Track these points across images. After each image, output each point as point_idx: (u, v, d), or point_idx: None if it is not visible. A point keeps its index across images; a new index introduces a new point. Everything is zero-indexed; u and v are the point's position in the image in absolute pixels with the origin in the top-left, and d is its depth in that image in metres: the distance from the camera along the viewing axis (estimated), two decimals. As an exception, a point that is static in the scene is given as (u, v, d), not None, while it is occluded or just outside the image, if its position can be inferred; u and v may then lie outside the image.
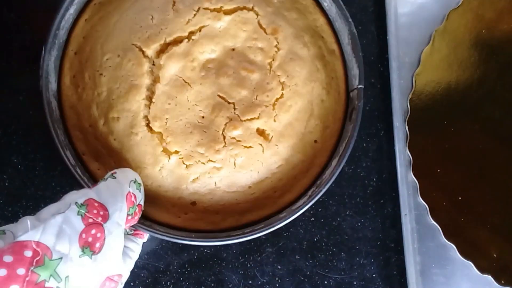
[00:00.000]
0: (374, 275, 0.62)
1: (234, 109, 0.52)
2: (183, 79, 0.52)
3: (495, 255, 0.59)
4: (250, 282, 0.60)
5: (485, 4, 0.64)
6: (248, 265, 0.61)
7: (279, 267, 0.61)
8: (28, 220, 0.38)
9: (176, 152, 0.52)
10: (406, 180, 0.61)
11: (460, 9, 0.64)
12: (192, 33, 0.53)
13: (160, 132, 0.52)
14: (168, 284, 0.60)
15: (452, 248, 0.59)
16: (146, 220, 0.52)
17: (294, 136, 0.54)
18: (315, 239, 0.62)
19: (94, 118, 0.53)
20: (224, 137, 0.52)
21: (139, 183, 0.48)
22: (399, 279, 0.62)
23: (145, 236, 0.52)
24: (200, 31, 0.53)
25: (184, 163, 0.52)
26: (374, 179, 0.63)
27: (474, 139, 0.61)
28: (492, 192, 0.60)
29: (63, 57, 0.55)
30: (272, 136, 0.53)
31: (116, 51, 0.53)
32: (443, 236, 0.59)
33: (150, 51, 0.52)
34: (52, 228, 0.38)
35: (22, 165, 0.61)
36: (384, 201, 0.63)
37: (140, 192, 0.47)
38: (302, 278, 0.61)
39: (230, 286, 0.60)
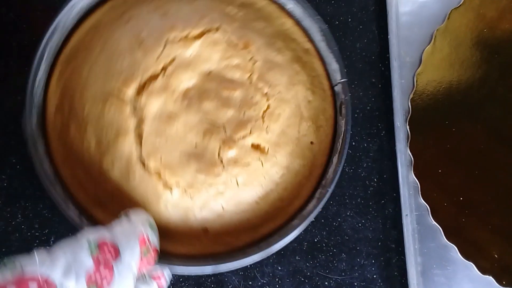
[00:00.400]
0: (375, 276, 0.61)
1: (225, 130, 0.52)
2: (168, 113, 0.52)
3: (496, 256, 0.59)
4: (250, 283, 0.60)
5: (487, 3, 0.63)
6: (248, 266, 0.60)
7: (279, 268, 0.61)
8: (36, 254, 0.38)
9: (177, 184, 0.51)
10: (407, 181, 0.61)
11: (461, 8, 0.63)
12: (165, 66, 0.52)
13: (157, 169, 0.51)
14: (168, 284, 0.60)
15: (453, 248, 0.59)
16: (160, 255, 0.52)
17: (289, 143, 0.54)
18: (316, 240, 0.61)
19: (88, 167, 0.53)
20: (221, 160, 0.52)
21: (153, 225, 0.47)
22: (400, 280, 0.61)
23: (163, 281, 0.49)
24: (173, 62, 0.52)
25: (187, 194, 0.51)
26: (375, 180, 0.63)
27: (475, 139, 0.61)
28: (493, 192, 0.60)
29: (45, 118, 0.54)
30: (268, 148, 0.53)
31: (95, 101, 0.52)
32: (444, 237, 0.59)
33: (129, 93, 0.52)
34: (61, 264, 0.38)
35: (21, 165, 0.61)
36: (385, 202, 0.63)
37: (154, 235, 0.46)
38: (303, 279, 0.61)
39: (230, 287, 0.60)
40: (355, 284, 0.61)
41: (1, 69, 0.62)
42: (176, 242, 0.53)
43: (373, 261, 0.61)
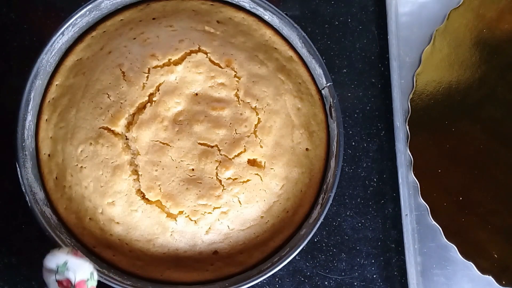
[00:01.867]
0: (374, 276, 0.61)
1: (219, 150, 0.52)
2: (160, 142, 0.52)
3: (496, 256, 0.59)
4: (250, 282, 0.60)
5: (486, 4, 0.64)
6: (248, 266, 0.60)
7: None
8: None
9: (180, 212, 0.52)
10: (407, 181, 0.61)
11: (461, 8, 0.63)
12: (152, 94, 0.52)
13: (158, 200, 0.52)
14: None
15: (453, 248, 0.59)
16: (179, 285, 0.53)
17: (285, 153, 0.54)
18: (315, 240, 0.61)
19: (91, 211, 0.53)
20: (220, 181, 0.52)
21: (64, 263, 0.46)
22: (399, 279, 0.62)
23: None
24: (158, 90, 0.53)
25: (191, 220, 0.52)
26: (375, 179, 0.63)
27: (475, 139, 0.61)
28: (493, 192, 0.60)
29: (39, 164, 0.55)
30: (264, 162, 0.53)
31: (86, 140, 0.52)
32: (443, 237, 0.59)
33: (119, 128, 0.52)
34: None
35: (21, 165, 0.61)
36: (384, 202, 0.63)
37: (68, 270, 0.45)
38: (302, 279, 0.61)
39: (230, 286, 0.60)
40: (355, 283, 0.61)
41: (2, 69, 0.62)
42: (189, 270, 0.53)
43: (373, 261, 0.62)
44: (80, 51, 0.56)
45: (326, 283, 0.61)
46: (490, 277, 0.58)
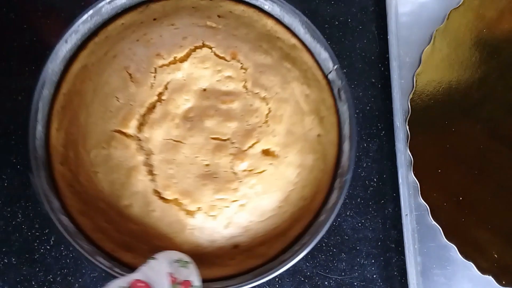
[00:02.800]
0: (374, 276, 0.61)
1: (232, 143, 0.52)
2: (173, 140, 0.52)
3: (495, 256, 0.59)
4: (250, 282, 0.60)
5: (486, 4, 0.63)
6: (248, 266, 0.60)
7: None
8: None
9: (199, 208, 0.51)
10: (407, 181, 0.61)
11: (461, 8, 0.63)
12: (160, 94, 0.52)
13: (176, 198, 0.51)
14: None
15: (452, 248, 0.59)
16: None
17: (297, 141, 0.54)
18: (316, 240, 0.61)
19: (108, 214, 0.52)
20: (236, 174, 0.52)
21: (186, 261, 0.48)
22: (399, 279, 0.62)
23: None
24: (166, 88, 0.52)
25: (210, 215, 0.51)
26: (375, 179, 0.63)
27: (475, 139, 0.61)
28: (493, 192, 0.60)
29: (53, 172, 0.54)
30: (278, 151, 0.53)
31: (99, 145, 0.52)
32: (443, 237, 0.59)
33: (131, 129, 0.51)
34: None
35: (21, 165, 0.61)
36: (384, 202, 0.63)
37: (187, 269, 0.47)
38: (302, 279, 0.61)
39: (230, 286, 0.60)
40: (355, 283, 0.61)
41: (2, 69, 0.62)
42: (210, 266, 0.53)
43: (373, 261, 0.62)
44: (84, 57, 0.56)
45: (326, 283, 0.61)
46: (490, 277, 0.58)
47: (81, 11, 0.63)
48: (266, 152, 0.53)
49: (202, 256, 0.52)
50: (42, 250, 0.60)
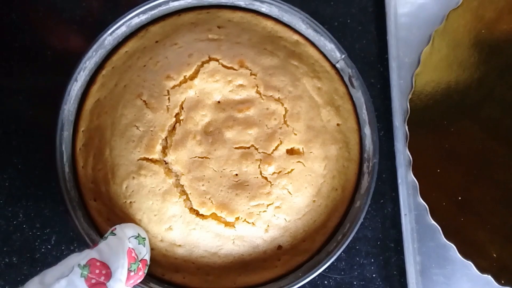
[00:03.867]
0: (374, 275, 0.62)
1: (257, 149, 0.53)
2: (198, 157, 0.52)
3: (495, 255, 0.59)
4: (250, 282, 0.60)
5: (485, 4, 0.64)
6: (248, 265, 0.60)
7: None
8: (32, 285, 0.39)
9: (237, 218, 0.52)
10: (406, 180, 0.61)
11: (459, 9, 0.64)
12: (178, 114, 0.53)
13: (213, 213, 0.52)
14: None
15: (452, 248, 0.59)
16: None
17: (318, 134, 0.55)
18: (315, 239, 0.62)
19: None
20: (266, 178, 0.52)
21: (143, 237, 0.48)
22: (399, 279, 0.62)
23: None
24: (182, 108, 0.53)
25: (249, 223, 0.52)
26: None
27: (474, 139, 0.61)
28: (492, 192, 0.60)
29: (88, 210, 0.55)
30: (302, 148, 0.54)
31: (129, 175, 0.52)
32: (443, 236, 0.59)
33: (156, 155, 0.52)
34: None
35: (22, 165, 0.61)
36: (384, 201, 0.63)
37: (144, 246, 0.47)
38: (302, 278, 0.61)
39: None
40: (354, 283, 0.61)
41: (3, 69, 0.62)
42: (259, 271, 0.53)
43: (372, 260, 0.62)
44: (96, 92, 0.57)
45: (325, 282, 0.61)
46: (489, 276, 0.58)
47: (82, 12, 0.64)
48: (291, 151, 0.54)
49: (248, 263, 0.53)
50: (43, 250, 0.60)
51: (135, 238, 0.47)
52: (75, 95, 0.55)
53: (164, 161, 0.52)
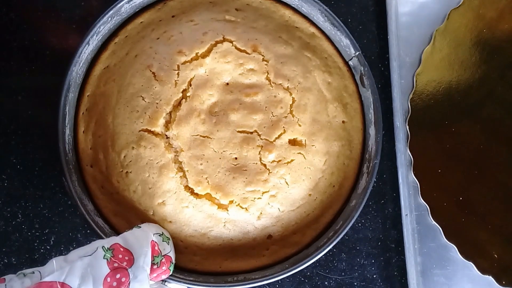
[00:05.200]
0: (374, 276, 0.61)
1: (259, 135, 0.53)
2: (200, 136, 0.52)
3: (496, 256, 0.59)
4: (250, 282, 0.60)
5: (486, 4, 0.63)
6: (248, 266, 0.60)
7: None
8: (54, 261, 0.40)
9: (231, 202, 0.52)
10: (407, 181, 0.61)
11: (461, 8, 0.63)
12: (185, 90, 0.53)
13: (208, 193, 0.52)
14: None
15: (453, 248, 0.59)
16: (239, 274, 0.53)
17: (323, 129, 0.54)
18: (316, 240, 0.61)
19: (142, 213, 0.53)
20: (265, 165, 0.52)
21: (167, 237, 0.49)
22: (399, 279, 0.62)
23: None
24: (190, 85, 0.53)
25: (242, 208, 0.52)
26: (375, 180, 0.63)
27: (475, 139, 0.61)
28: (493, 192, 0.60)
29: (83, 175, 0.55)
30: (305, 140, 0.53)
31: (128, 145, 0.52)
32: (444, 237, 0.59)
33: (159, 128, 0.52)
34: (78, 270, 0.39)
35: (21, 165, 0.61)
36: (384, 202, 0.63)
37: (168, 244, 0.48)
38: (303, 279, 0.61)
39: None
40: (355, 283, 0.61)
41: (2, 69, 0.62)
42: (246, 258, 0.53)
43: (373, 261, 0.62)
44: (106, 59, 0.56)
45: (326, 283, 0.61)
46: (490, 277, 0.58)
47: (81, 11, 0.63)
48: (293, 142, 0.53)
49: (237, 248, 0.53)
50: (42, 250, 0.60)
51: (159, 235, 0.48)
52: (85, 58, 0.55)
53: (166, 135, 0.52)
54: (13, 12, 0.63)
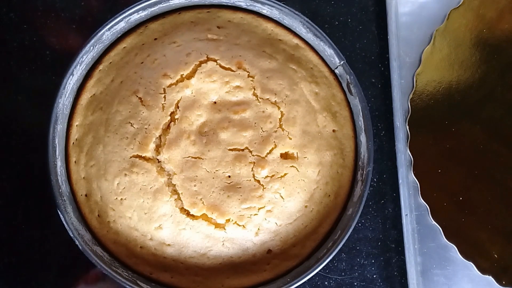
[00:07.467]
0: (374, 276, 0.61)
1: (250, 152, 0.52)
2: (192, 157, 0.52)
3: (496, 256, 0.59)
4: (250, 282, 0.60)
5: (486, 4, 0.63)
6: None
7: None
8: None
9: (228, 220, 0.52)
10: (407, 181, 0.61)
11: (461, 8, 0.63)
12: (173, 113, 0.53)
13: (204, 214, 0.52)
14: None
15: (453, 248, 0.59)
16: None
17: (314, 140, 0.54)
18: (316, 240, 0.61)
19: (140, 239, 0.53)
20: (259, 181, 0.52)
21: None
22: (399, 279, 0.62)
23: None
24: (178, 107, 0.53)
25: (239, 225, 0.52)
26: (375, 180, 0.63)
27: (475, 139, 0.61)
28: (493, 192, 0.60)
29: (78, 206, 0.54)
30: (296, 153, 0.53)
31: (121, 172, 0.52)
32: (443, 237, 0.59)
33: (149, 153, 0.52)
34: None
35: (21, 165, 0.61)
36: (384, 202, 0.63)
37: None
38: (303, 279, 0.61)
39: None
40: (355, 284, 0.61)
41: (2, 69, 0.62)
42: (247, 274, 0.53)
43: (373, 261, 0.62)
44: (92, 87, 0.56)
45: (326, 283, 0.61)
46: (490, 277, 0.58)
47: (81, 11, 0.63)
48: (285, 156, 0.53)
49: (237, 266, 0.53)
50: (42, 251, 0.60)
51: None
52: (70, 89, 0.54)
53: (157, 159, 0.52)
54: (13, 12, 0.63)
